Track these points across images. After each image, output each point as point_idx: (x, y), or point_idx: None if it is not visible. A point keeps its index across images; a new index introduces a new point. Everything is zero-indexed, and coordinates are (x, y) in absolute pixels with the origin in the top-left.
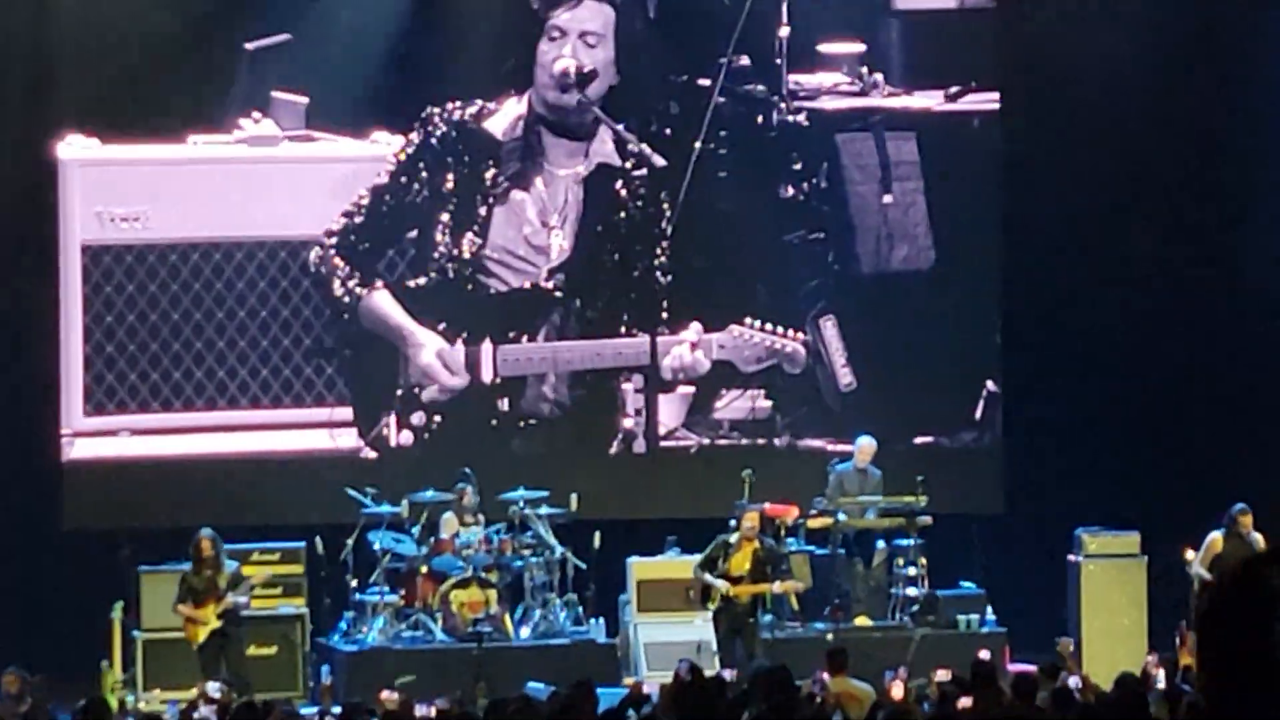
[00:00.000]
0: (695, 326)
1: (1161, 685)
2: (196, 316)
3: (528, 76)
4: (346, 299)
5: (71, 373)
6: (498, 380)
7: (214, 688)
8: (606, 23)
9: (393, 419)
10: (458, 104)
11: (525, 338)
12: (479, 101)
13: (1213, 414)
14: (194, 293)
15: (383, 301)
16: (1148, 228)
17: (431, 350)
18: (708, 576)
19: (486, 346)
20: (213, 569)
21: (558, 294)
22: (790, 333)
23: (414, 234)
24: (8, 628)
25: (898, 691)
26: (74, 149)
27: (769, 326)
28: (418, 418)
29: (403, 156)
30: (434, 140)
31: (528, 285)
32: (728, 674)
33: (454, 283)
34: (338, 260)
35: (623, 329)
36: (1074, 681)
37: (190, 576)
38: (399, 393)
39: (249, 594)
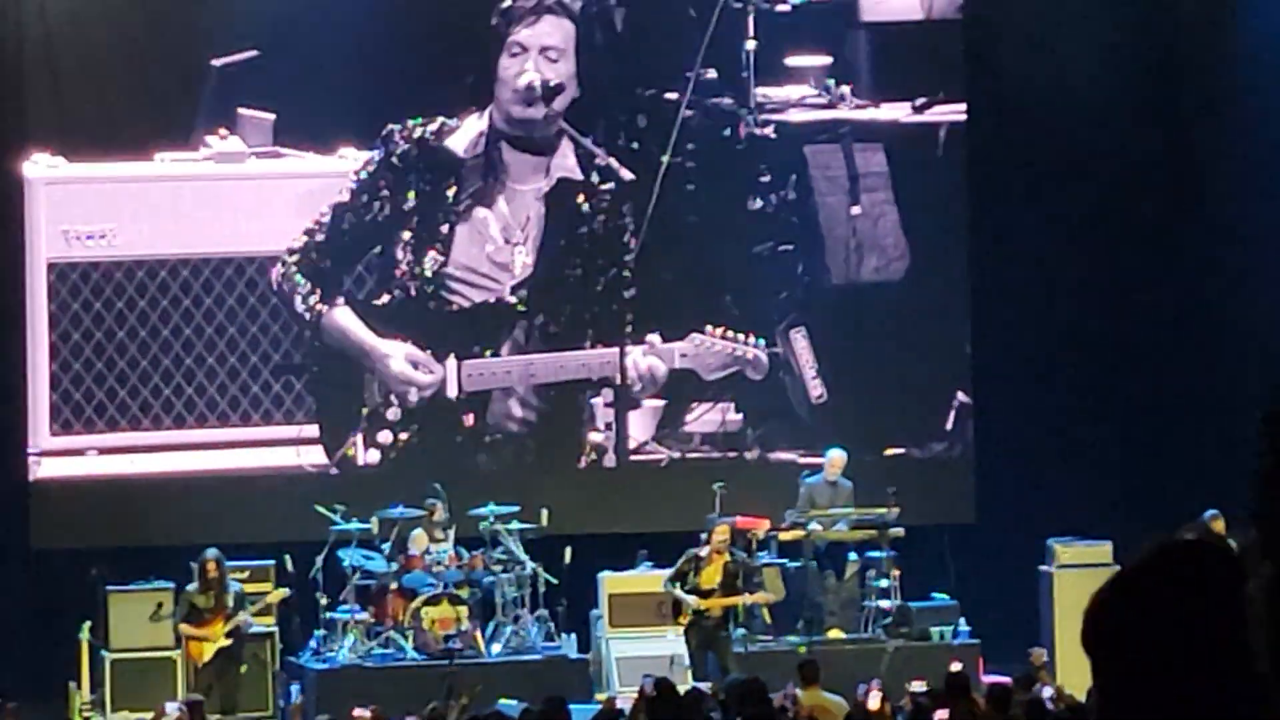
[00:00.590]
0: (653, 337)
1: None
2: (164, 334)
3: (488, 92)
4: (308, 315)
5: (38, 391)
6: (463, 396)
7: (173, 707)
8: (567, 37)
9: (359, 438)
10: (418, 121)
11: (489, 353)
12: (440, 119)
13: (1184, 422)
14: (161, 310)
15: (343, 318)
16: (1116, 237)
17: (400, 357)
18: (678, 592)
19: (451, 363)
20: (218, 588)
21: (521, 309)
22: (752, 339)
23: (376, 251)
24: None
25: (874, 702)
26: (39, 167)
27: (730, 334)
28: (384, 436)
29: (363, 174)
30: (394, 158)
31: (491, 301)
32: (704, 686)
33: (417, 300)
34: (299, 278)
35: (587, 342)
36: (1048, 692)
37: (195, 595)
38: (365, 411)
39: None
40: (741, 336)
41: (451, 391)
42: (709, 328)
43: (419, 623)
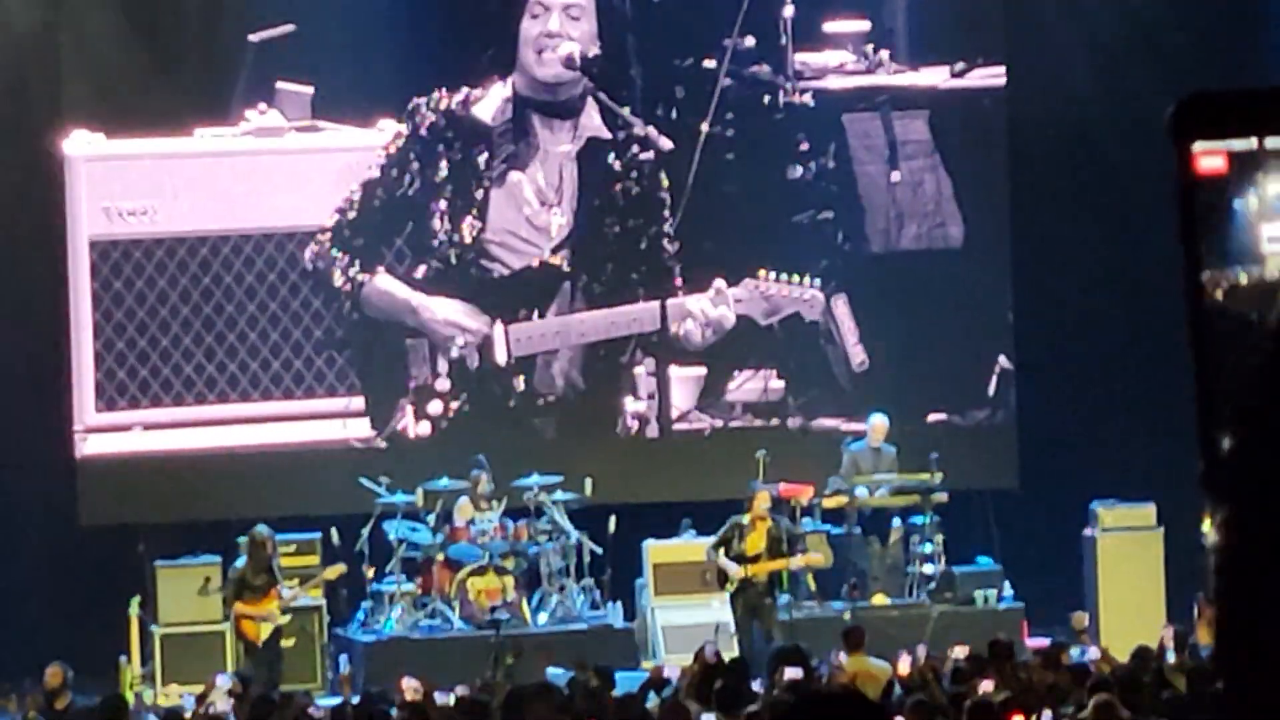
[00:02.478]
0: (718, 282)
1: (1173, 659)
2: (206, 310)
3: (511, 58)
4: (348, 288)
5: (83, 369)
6: (511, 361)
7: (224, 679)
8: None
9: (409, 409)
10: (443, 92)
11: (535, 315)
12: (465, 89)
13: None
14: (203, 286)
15: (385, 283)
16: (1159, 200)
17: (447, 308)
18: (722, 560)
19: (498, 328)
20: (268, 565)
21: (564, 270)
22: (806, 281)
23: (410, 225)
24: (26, 624)
25: (904, 667)
26: (80, 144)
27: (784, 277)
28: (434, 406)
29: (393, 149)
30: (423, 131)
31: (533, 264)
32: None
33: (457, 269)
34: (334, 252)
35: (634, 299)
36: (1091, 654)
37: (246, 573)
38: (412, 384)
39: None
40: (795, 279)
41: (500, 357)
42: (761, 272)
43: (465, 593)
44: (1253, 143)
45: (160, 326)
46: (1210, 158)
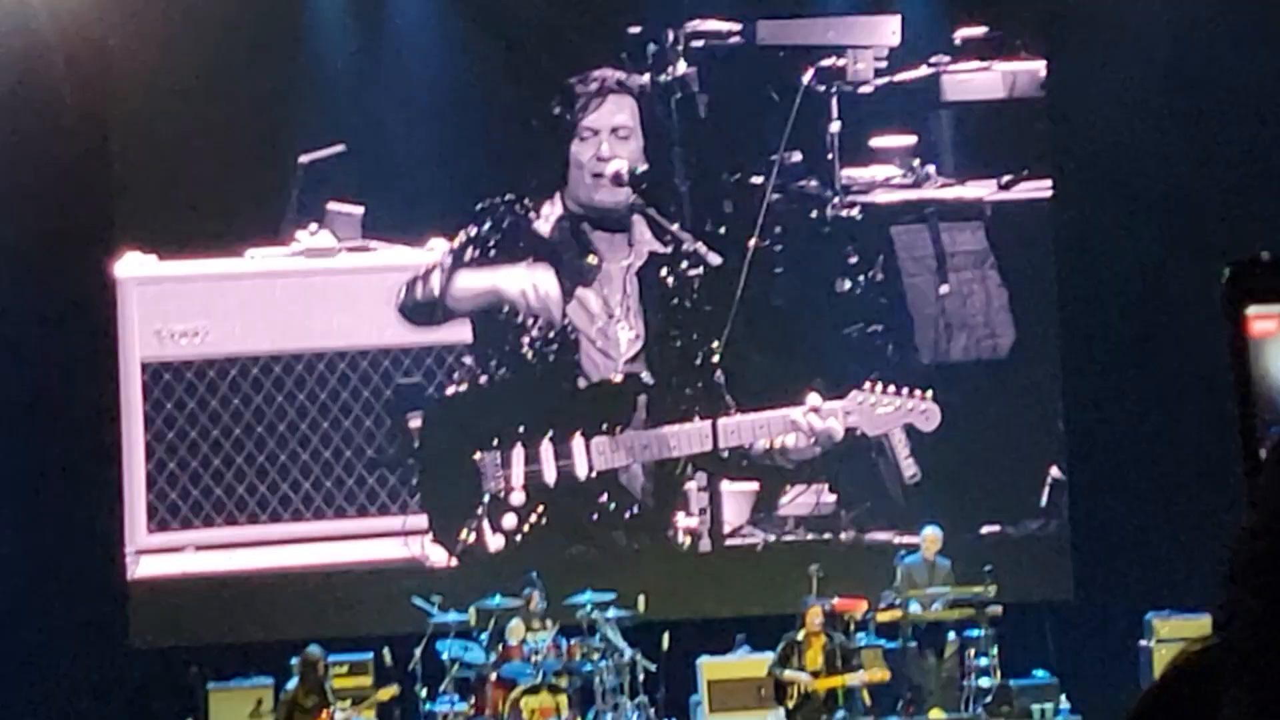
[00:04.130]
0: (812, 396)
1: None
2: (258, 430)
3: (559, 178)
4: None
5: (135, 490)
6: (593, 475)
7: None
8: (633, 113)
9: (484, 523)
10: (510, 197)
11: (618, 428)
12: (520, 207)
13: None
14: (255, 406)
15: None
16: (1209, 308)
17: (543, 277)
18: (789, 671)
19: (578, 440)
20: (320, 686)
21: (641, 383)
22: (918, 393)
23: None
24: None
25: None
26: (131, 266)
27: (892, 388)
28: (509, 520)
29: (466, 255)
30: (490, 245)
31: (611, 379)
32: None
33: (533, 380)
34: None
35: (693, 416)
36: None
37: (299, 695)
38: (485, 497)
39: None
40: (905, 390)
41: (580, 471)
42: (867, 383)
43: (519, 713)
44: None
45: (212, 447)
46: (1263, 321)
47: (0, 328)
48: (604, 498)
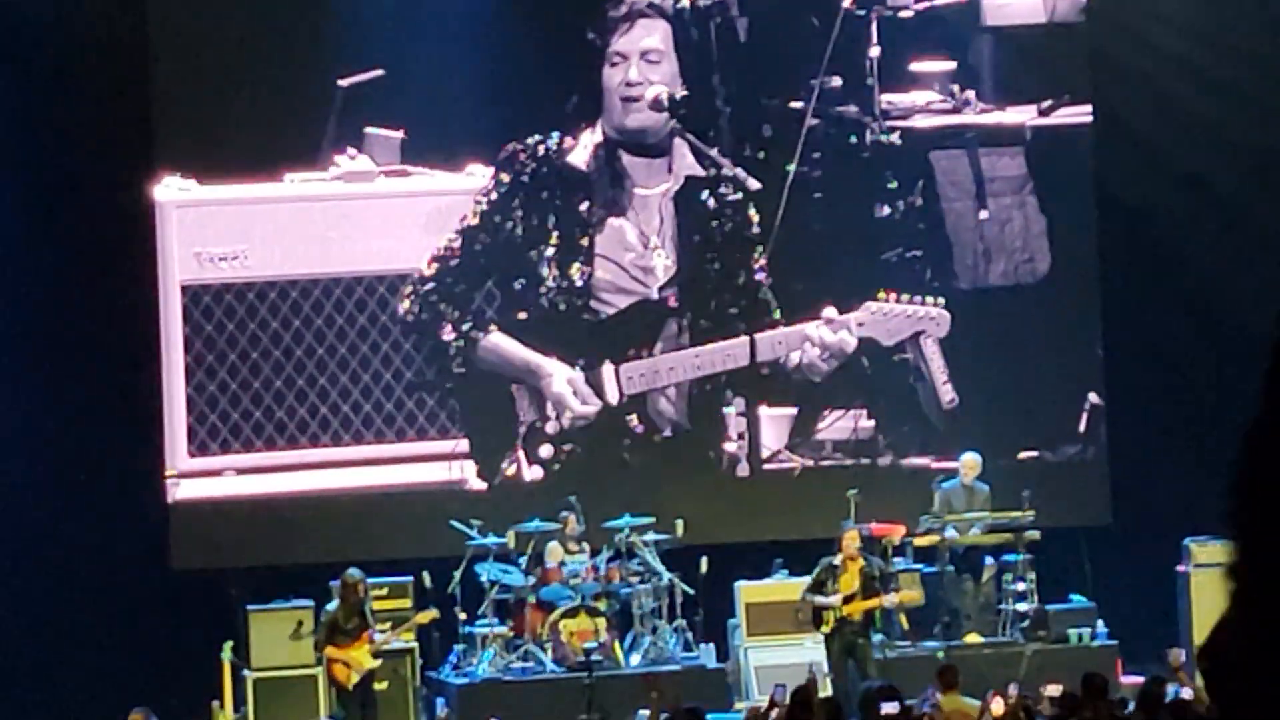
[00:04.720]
0: (828, 310)
1: None
2: (297, 353)
3: (596, 105)
4: (460, 342)
5: (174, 414)
6: (624, 400)
7: None
8: (665, 36)
9: (520, 455)
10: (538, 138)
11: (646, 352)
12: (557, 135)
13: None
14: (294, 330)
15: (501, 341)
16: (1250, 232)
17: (562, 379)
18: (819, 597)
19: (608, 367)
20: (360, 609)
21: (669, 307)
22: (928, 299)
23: (515, 272)
24: (118, 669)
25: (997, 707)
26: (171, 190)
27: (905, 297)
28: (546, 450)
29: (493, 195)
30: (524, 177)
31: (639, 303)
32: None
33: (565, 314)
34: (442, 306)
35: (735, 335)
36: (1186, 693)
37: (339, 617)
38: (521, 430)
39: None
40: (917, 299)
41: (612, 396)
42: (880, 294)
43: (557, 635)
44: None
45: (251, 370)
46: None
47: (41, 252)
48: (638, 424)
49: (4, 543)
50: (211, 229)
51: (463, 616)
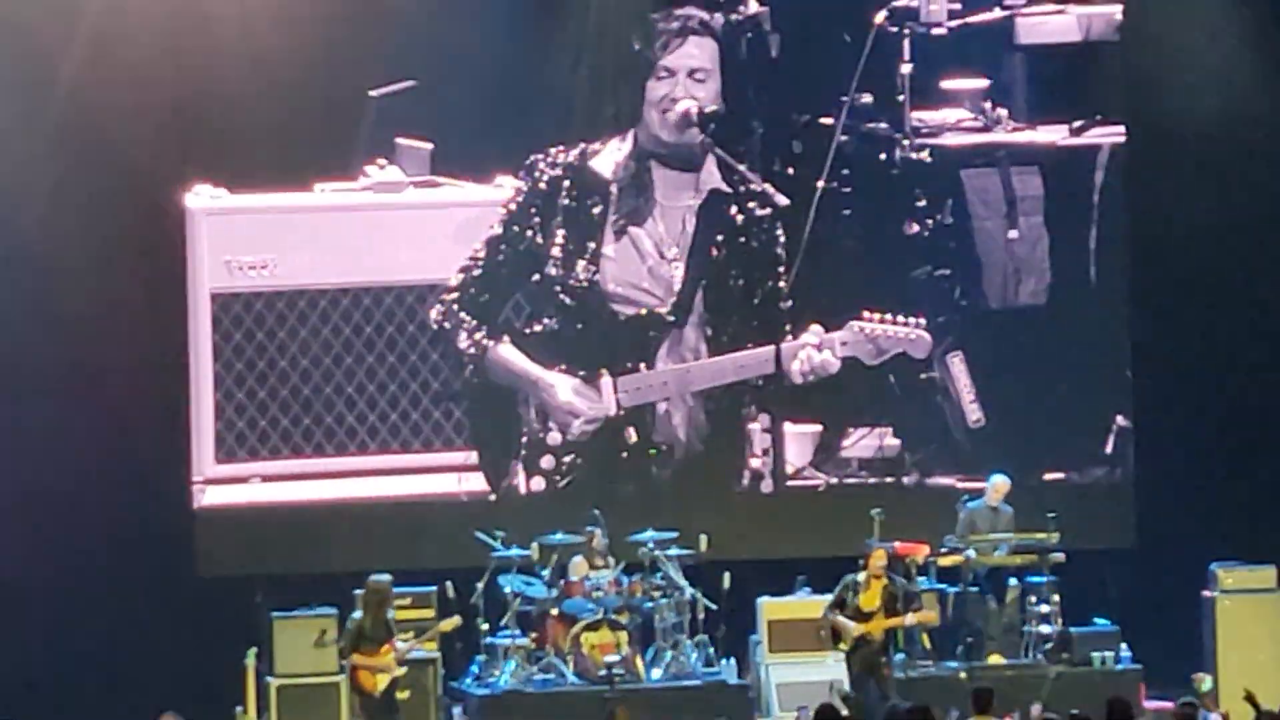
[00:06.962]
0: (815, 328)
1: None
2: (325, 362)
3: (633, 115)
4: (472, 350)
5: (202, 420)
6: (621, 412)
7: None
8: (712, 57)
9: (520, 465)
10: (562, 147)
11: (644, 366)
12: (581, 144)
13: None
14: (322, 338)
15: (508, 354)
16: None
17: (567, 387)
18: (839, 618)
19: (606, 380)
20: (385, 616)
21: (673, 320)
22: (911, 320)
23: (534, 279)
24: (143, 675)
25: None
26: (202, 198)
27: (888, 317)
28: (546, 461)
29: (513, 206)
30: (542, 184)
31: (643, 314)
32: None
33: (576, 321)
34: (463, 315)
35: (747, 346)
36: (1213, 719)
37: (363, 625)
38: (524, 439)
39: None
40: (900, 319)
41: (610, 410)
42: (865, 314)
43: (579, 648)
44: None
45: (279, 378)
46: None
47: (72, 258)
48: (632, 435)
49: (31, 548)
50: (242, 237)
51: (485, 627)
